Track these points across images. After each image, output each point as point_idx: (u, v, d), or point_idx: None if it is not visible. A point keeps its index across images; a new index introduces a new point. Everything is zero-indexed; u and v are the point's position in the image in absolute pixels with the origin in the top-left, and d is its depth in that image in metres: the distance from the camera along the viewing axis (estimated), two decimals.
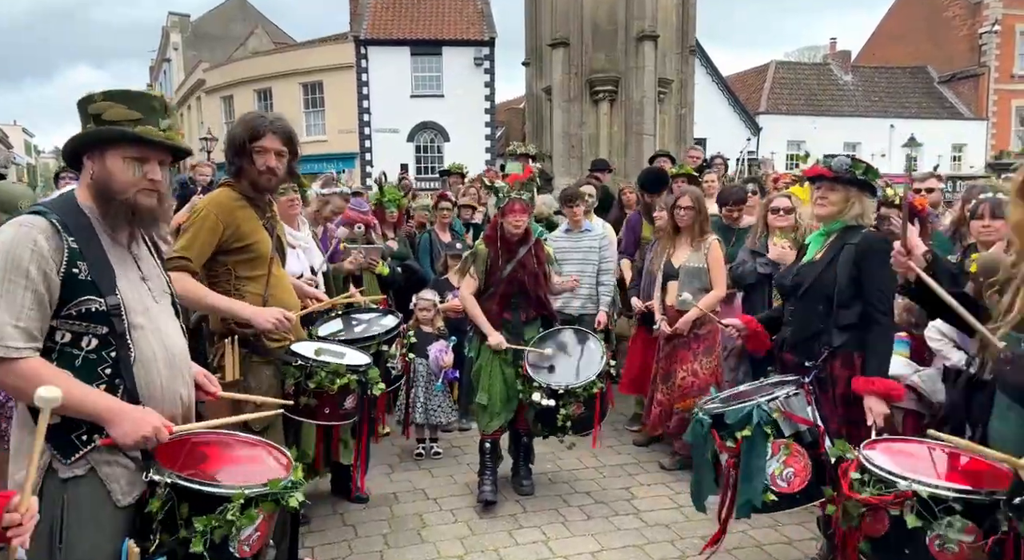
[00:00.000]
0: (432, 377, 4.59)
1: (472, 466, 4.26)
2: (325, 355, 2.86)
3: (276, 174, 2.73)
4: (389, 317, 3.74)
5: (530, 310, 3.93)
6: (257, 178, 2.71)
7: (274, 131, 2.69)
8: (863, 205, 2.85)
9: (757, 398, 2.70)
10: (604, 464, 4.46)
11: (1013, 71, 28.51)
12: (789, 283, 2.94)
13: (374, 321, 3.69)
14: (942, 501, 1.84)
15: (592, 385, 3.66)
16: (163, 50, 36.91)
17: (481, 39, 24.11)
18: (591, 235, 5.13)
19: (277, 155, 2.70)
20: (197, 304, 2.69)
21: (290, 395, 2.78)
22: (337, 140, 24.29)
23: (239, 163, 2.71)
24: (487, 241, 3.98)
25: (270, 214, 2.85)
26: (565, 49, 8.26)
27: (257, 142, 2.67)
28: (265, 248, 2.77)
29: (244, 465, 1.86)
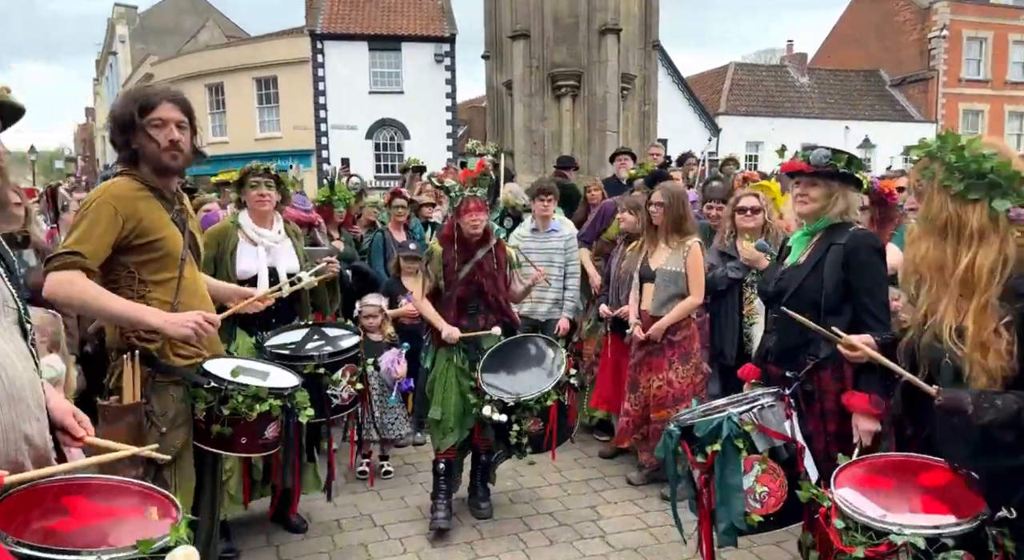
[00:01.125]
0: (386, 389, 4.22)
1: (426, 486, 3.91)
2: (244, 376, 2.47)
3: (183, 150, 2.31)
4: (352, 338, 3.30)
5: (489, 316, 3.61)
6: (160, 157, 2.28)
7: (169, 99, 2.29)
8: (847, 200, 2.59)
9: (730, 409, 2.46)
10: (568, 480, 4.16)
11: (960, 75, 29.34)
12: (772, 289, 2.67)
13: (335, 340, 3.27)
14: (937, 541, 1.71)
15: (547, 396, 3.33)
16: (109, 43, 35.44)
17: (441, 35, 23.68)
18: (558, 235, 4.83)
19: (178, 126, 2.29)
20: (91, 310, 2.27)
21: (201, 422, 2.39)
22: (292, 137, 23.56)
23: (133, 144, 2.28)
24: (443, 241, 3.64)
25: (179, 207, 2.44)
26: (525, 41, 7.96)
27: (151, 114, 2.25)
28: (174, 245, 2.36)
29: (114, 520, 1.49)
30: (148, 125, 2.26)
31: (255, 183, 3.46)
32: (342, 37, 23.28)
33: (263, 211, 3.49)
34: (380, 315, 4.39)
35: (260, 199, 3.46)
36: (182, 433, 2.37)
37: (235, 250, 3.43)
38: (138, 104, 2.25)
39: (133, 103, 2.25)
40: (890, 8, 30.70)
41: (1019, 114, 30.25)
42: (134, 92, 2.32)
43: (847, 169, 2.52)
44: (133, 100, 2.26)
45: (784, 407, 2.56)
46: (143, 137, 2.27)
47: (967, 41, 29.07)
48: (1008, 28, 29.38)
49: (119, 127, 2.28)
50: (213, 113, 24.77)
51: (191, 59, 25.79)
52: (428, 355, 3.74)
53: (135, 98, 2.27)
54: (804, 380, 2.59)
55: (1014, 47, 29.61)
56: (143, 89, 2.32)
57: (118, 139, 2.30)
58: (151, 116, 2.26)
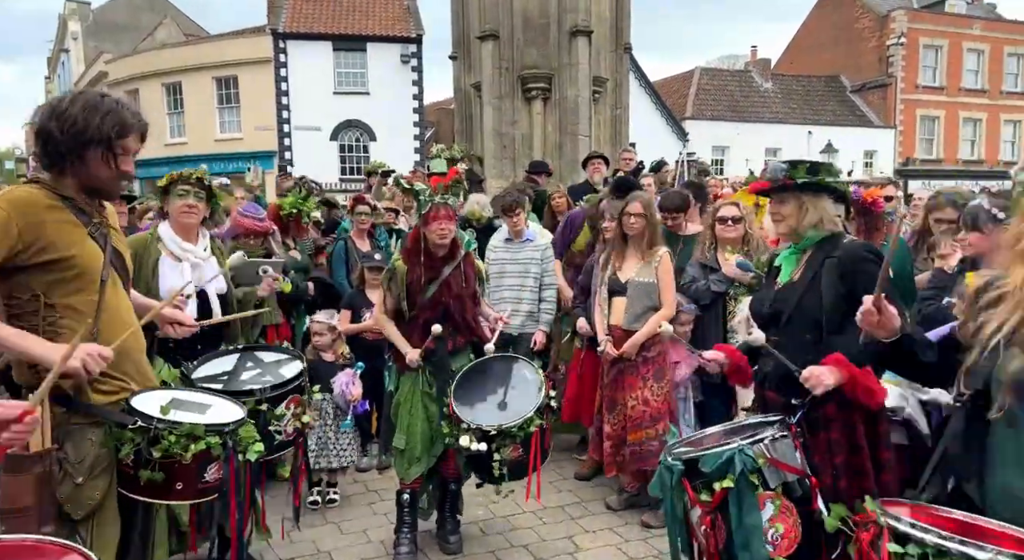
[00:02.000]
0: (339, 414, 3.92)
1: (390, 517, 3.63)
2: (179, 410, 2.16)
3: (131, 180, 2.15)
4: (294, 364, 2.94)
5: (457, 337, 3.35)
6: (108, 185, 2.06)
7: (140, 128, 2.06)
8: (819, 209, 2.40)
9: (738, 440, 2.22)
10: (543, 506, 3.90)
11: (918, 82, 30.07)
12: (767, 311, 2.47)
13: (273, 367, 2.93)
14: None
15: (530, 423, 3.08)
16: (61, 40, 34.15)
17: (408, 36, 23.31)
18: (532, 245, 4.59)
19: (134, 155, 2.10)
20: None
21: (128, 467, 2.06)
22: (253, 138, 22.90)
23: (79, 160, 1.99)
24: (406, 256, 3.37)
25: (99, 219, 2.11)
26: (495, 42, 7.72)
27: (124, 140, 2.01)
28: (91, 264, 2.03)
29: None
30: (110, 151, 2.00)
31: (182, 192, 3.14)
32: (305, 37, 22.74)
33: (188, 224, 3.16)
34: (330, 333, 4.08)
35: (187, 211, 3.14)
36: (102, 482, 2.04)
37: (156, 266, 3.10)
38: (116, 130, 1.98)
39: (111, 126, 1.97)
40: (850, 16, 31.35)
41: (973, 120, 31.14)
42: (109, 110, 1.99)
43: (808, 177, 2.34)
44: (112, 123, 1.97)
45: (792, 438, 2.36)
46: (100, 160, 2.00)
47: (923, 49, 29.84)
48: (962, 37, 30.25)
49: (76, 138, 1.96)
50: (171, 113, 23.99)
51: (147, 57, 24.91)
52: (391, 377, 3.47)
53: (114, 122, 1.98)
54: (809, 407, 2.39)
55: (968, 55, 30.48)
56: (120, 108, 2.02)
57: (65, 147, 1.97)
58: (121, 143, 2.01)
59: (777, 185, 2.39)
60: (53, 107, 2.01)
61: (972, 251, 2.94)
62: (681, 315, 3.92)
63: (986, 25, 30.77)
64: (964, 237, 2.99)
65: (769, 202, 2.49)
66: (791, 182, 2.36)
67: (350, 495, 4.10)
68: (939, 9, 30.82)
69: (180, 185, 3.16)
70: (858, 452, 2.41)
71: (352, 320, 4.61)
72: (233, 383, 2.79)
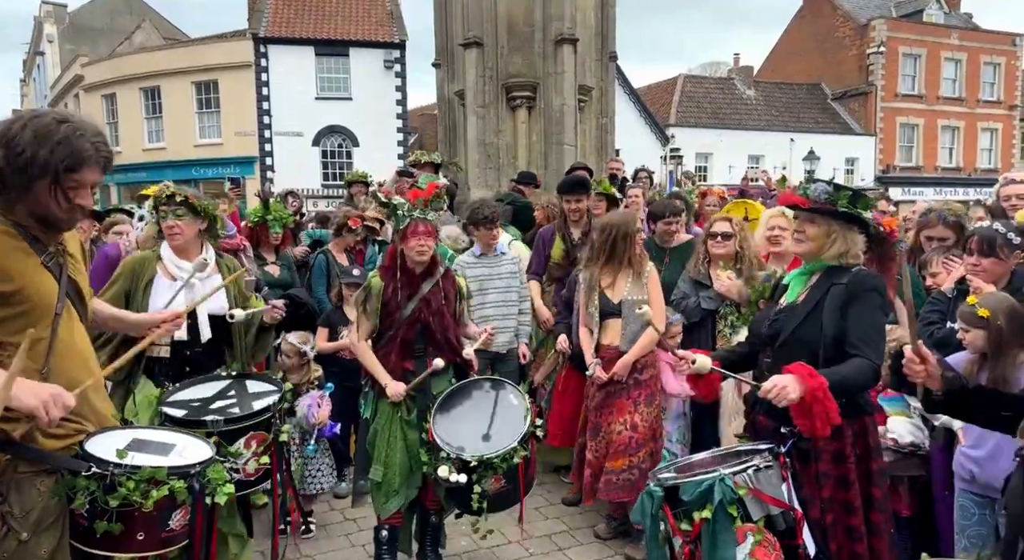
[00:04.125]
0: (306, 437, 3.73)
1: (368, 549, 3.45)
2: (139, 453, 1.98)
3: (85, 211, 1.94)
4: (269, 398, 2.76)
5: (438, 357, 3.19)
6: (60, 217, 1.86)
7: (98, 159, 1.85)
8: (847, 242, 2.29)
9: (721, 469, 2.13)
10: (529, 535, 3.74)
11: (897, 90, 30.43)
12: (766, 331, 2.35)
13: (249, 399, 2.75)
14: None
15: (513, 453, 2.92)
16: (36, 42, 33.51)
17: (391, 41, 23.13)
18: (507, 259, 4.42)
19: (93, 187, 1.90)
20: None
21: (83, 518, 1.87)
22: (234, 143, 22.56)
23: (26, 191, 1.80)
24: (383, 273, 3.20)
25: (56, 248, 1.93)
26: (478, 50, 7.58)
27: (77, 174, 1.82)
28: (44, 297, 1.86)
29: None
30: (60, 184, 1.80)
31: (163, 213, 3.02)
32: (287, 41, 22.47)
33: (176, 246, 3.03)
34: (297, 357, 3.89)
35: (169, 233, 3.01)
36: (51, 537, 1.84)
37: (149, 284, 2.95)
38: (66, 163, 1.79)
39: (60, 158, 1.78)
40: (830, 24, 31.68)
41: (951, 128, 31.57)
42: (61, 140, 1.79)
43: (849, 208, 2.22)
44: (61, 155, 1.78)
45: (780, 468, 2.25)
46: (48, 194, 1.81)
47: (903, 57, 30.21)
48: (940, 46, 30.68)
49: (25, 173, 1.77)
50: (149, 118, 23.61)
51: (125, 61, 24.46)
52: (368, 404, 3.28)
53: (64, 154, 1.78)
54: (799, 436, 2.27)
55: (946, 64, 30.92)
56: (74, 137, 1.81)
57: (9, 177, 1.78)
58: (75, 176, 1.81)
59: (816, 206, 2.26)
60: (3, 131, 1.81)
61: (987, 277, 2.84)
62: (670, 327, 3.80)
63: (963, 34, 31.25)
64: (978, 261, 2.88)
65: (795, 217, 2.38)
66: (831, 207, 2.25)
67: (326, 525, 3.91)
68: (917, 18, 31.25)
69: (161, 206, 3.04)
70: (848, 487, 2.30)
71: (330, 338, 4.44)
72: (200, 413, 2.63)
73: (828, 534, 2.28)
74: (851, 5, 31.41)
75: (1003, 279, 2.87)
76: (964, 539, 2.61)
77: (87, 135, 1.84)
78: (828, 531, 2.28)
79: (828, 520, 2.29)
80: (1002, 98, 32.12)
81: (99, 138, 1.88)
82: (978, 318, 2.49)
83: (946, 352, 2.81)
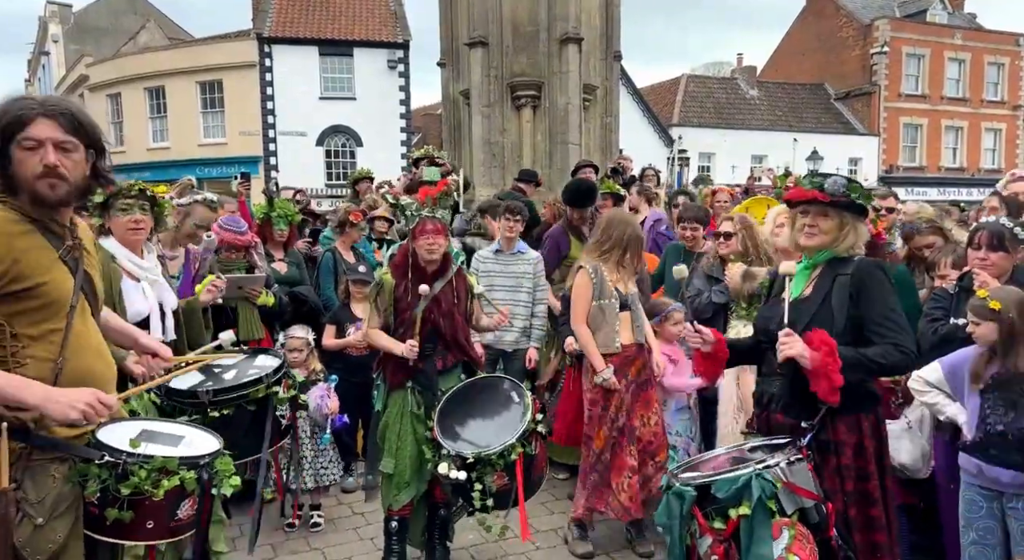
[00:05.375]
0: (317, 430, 3.78)
1: (376, 542, 3.50)
2: (149, 443, 2.02)
3: (62, 177, 1.83)
4: (262, 357, 2.94)
5: (447, 356, 3.22)
6: (33, 185, 1.81)
7: (47, 113, 1.80)
8: (857, 234, 2.33)
9: (752, 464, 2.12)
10: (536, 529, 3.78)
11: (901, 90, 30.41)
12: (776, 327, 2.38)
13: (244, 364, 2.87)
14: None
15: (511, 450, 2.93)
16: (41, 43, 33.62)
17: (395, 41, 23.19)
18: (525, 258, 4.43)
19: (61, 148, 1.82)
20: None
21: (94, 506, 1.90)
22: (238, 143, 22.65)
23: (7, 168, 1.81)
24: (394, 271, 3.24)
25: (71, 242, 1.96)
26: (483, 49, 7.60)
27: (22, 133, 1.78)
28: (61, 291, 1.89)
29: None
30: (18, 147, 1.78)
31: (126, 206, 2.94)
32: (291, 41, 22.55)
33: (135, 240, 2.98)
34: (306, 350, 3.94)
35: (134, 227, 2.96)
36: (65, 523, 1.88)
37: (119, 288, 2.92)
38: (5, 121, 1.77)
39: (4, 123, 1.77)
40: (834, 25, 31.66)
41: (955, 128, 31.53)
42: (5, 107, 1.81)
43: (865, 201, 2.26)
44: (3, 121, 1.77)
45: (806, 461, 2.26)
46: (15, 163, 1.79)
47: (906, 57, 30.18)
48: (944, 46, 30.65)
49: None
50: (153, 118, 23.70)
51: (130, 61, 24.56)
52: (380, 395, 3.32)
53: (5, 118, 1.78)
54: (819, 430, 2.29)
55: (949, 64, 30.88)
56: (14, 101, 1.82)
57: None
58: (21, 135, 1.78)
59: (836, 199, 2.28)
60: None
61: (995, 272, 2.87)
62: (674, 314, 3.84)
63: (967, 34, 31.21)
64: (986, 256, 2.91)
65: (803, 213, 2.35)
66: (849, 200, 2.28)
67: (335, 519, 3.95)
68: (921, 18, 31.21)
69: (122, 199, 2.95)
70: (868, 479, 2.32)
71: (336, 335, 4.48)
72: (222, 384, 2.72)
73: (852, 526, 2.29)
74: (854, 5, 31.39)
75: (1006, 274, 2.90)
76: (972, 532, 2.64)
77: (33, 97, 1.85)
78: (852, 523, 2.30)
79: (851, 513, 2.29)
80: (1006, 98, 32.08)
81: (51, 98, 1.87)
82: (990, 311, 2.52)
83: (951, 348, 2.84)
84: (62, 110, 1.83)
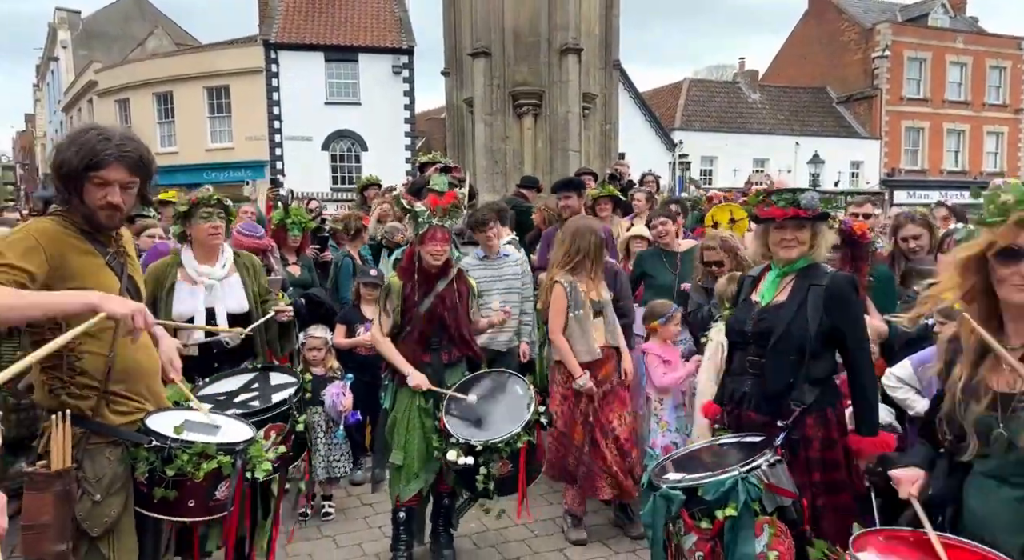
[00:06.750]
0: (332, 425, 4.00)
1: (385, 530, 3.71)
2: (191, 431, 2.26)
3: (120, 210, 2.14)
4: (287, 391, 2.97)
5: (452, 350, 3.44)
6: (95, 213, 2.10)
7: (120, 158, 2.07)
8: (827, 240, 2.56)
9: (737, 467, 2.25)
10: (535, 519, 4.00)
11: (902, 94, 30.56)
12: (752, 329, 2.58)
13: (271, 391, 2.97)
14: None
15: (516, 439, 3.14)
16: (50, 48, 34.05)
17: (399, 47, 23.47)
18: (511, 260, 4.64)
19: (123, 188, 2.10)
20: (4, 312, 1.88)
21: (143, 485, 2.16)
22: (244, 147, 22.95)
23: (69, 192, 2.08)
24: (401, 273, 3.47)
25: (114, 249, 2.21)
26: (486, 59, 7.86)
27: (96, 172, 2.05)
28: (109, 292, 2.11)
29: None
30: (90, 182, 2.06)
31: (206, 214, 3.23)
32: (297, 47, 22.86)
33: (214, 245, 3.26)
34: (324, 348, 4.17)
35: (214, 233, 3.24)
36: (119, 499, 2.14)
37: (172, 290, 3.20)
38: (85, 162, 2.04)
39: (80, 158, 2.03)
40: (836, 29, 31.83)
41: (956, 132, 31.66)
42: (86, 140, 2.06)
43: (831, 209, 2.51)
44: (80, 155, 2.04)
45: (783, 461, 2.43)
46: (83, 192, 2.08)
47: (908, 61, 30.33)
48: (945, 50, 30.79)
49: (59, 176, 2.07)
50: (161, 123, 24.02)
51: (138, 67, 24.95)
52: (388, 394, 3.54)
53: (83, 154, 2.04)
54: (791, 429, 2.49)
55: (951, 68, 31.02)
56: (96, 140, 2.06)
57: (57, 184, 2.09)
58: (95, 174, 2.06)
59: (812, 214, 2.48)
60: (56, 144, 2.13)
61: None
62: (676, 315, 4.05)
63: (968, 38, 31.35)
64: None
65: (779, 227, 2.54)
66: (822, 212, 2.49)
67: (345, 509, 4.18)
68: (923, 22, 31.36)
69: (203, 208, 3.24)
70: (836, 468, 2.52)
71: (346, 335, 4.70)
72: (224, 407, 2.84)
73: (821, 514, 2.48)
74: (856, 9, 31.56)
75: None
76: None
77: (113, 139, 2.08)
78: (821, 512, 2.48)
79: (819, 503, 2.49)
80: (1008, 101, 32.20)
81: (125, 141, 2.11)
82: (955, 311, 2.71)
83: (922, 345, 3.05)
84: (132, 155, 2.10)
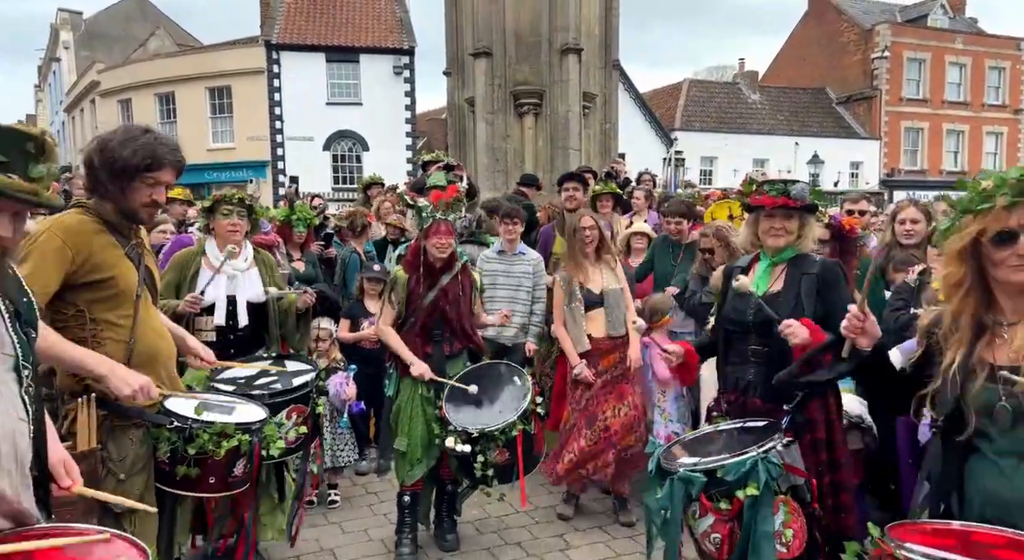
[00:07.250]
0: (336, 414, 4.10)
1: (390, 517, 3.81)
2: (209, 412, 2.37)
3: (159, 207, 2.38)
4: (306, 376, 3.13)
5: (454, 342, 3.54)
6: (138, 211, 2.27)
7: (172, 164, 2.27)
8: (814, 232, 2.67)
9: (756, 448, 2.30)
10: (536, 506, 4.10)
11: (902, 94, 30.65)
12: (753, 319, 2.67)
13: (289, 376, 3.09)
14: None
15: (511, 427, 3.25)
16: (52, 49, 34.16)
17: (400, 47, 23.58)
18: (525, 258, 4.73)
19: (167, 187, 2.33)
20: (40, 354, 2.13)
21: (165, 463, 2.28)
22: (246, 147, 23.06)
23: (116, 188, 2.21)
24: (407, 267, 3.57)
25: (135, 241, 2.34)
26: (487, 59, 7.97)
27: (151, 173, 2.22)
28: (129, 282, 2.26)
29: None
30: (142, 181, 2.21)
31: (227, 212, 3.38)
32: (298, 48, 22.97)
33: (234, 241, 3.39)
34: (329, 340, 4.28)
35: (232, 229, 3.37)
36: (141, 478, 2.27)
37: (195, 277, 3.34)
38: (145, 163, 2.19)
39: (139, 159, 2.19)
40: (835, 29, 31.92)
41: (956, 132, 31.74)
42: (144, 143, 2.21)
43: (821, 202, 2.60)
44: (140, 156, 2.19)
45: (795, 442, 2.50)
46: (131, 188, 2.22)
47: (907, 62, 30.41)
48: (945, 50, 30.88)
49: (112, 170, 2.19)
50: (163, 123, 24.05)
51: (140, 68, 25.05)
52: (392, 383, 3.64)
53: (143, 155, 2.19)
54: (796, 412, 2.58)
55: (950, 68, 31.11)
56: (155, 145, 2.23)
57: (104, 176, 2.21)
58: (150, 174, 2.22)
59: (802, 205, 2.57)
60: (101, 139, 2.26)
61: None
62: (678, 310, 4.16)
63: (968, 39, 31.43)
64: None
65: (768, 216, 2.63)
66: (811, 203, 2.58)
67: (350, 497, 4.27)
68: (922, 23, 31.45)
69: (224, 205, 3.39)
70: (835, 448, 2.63)
71: (351, 329, 4.80)
72: (247, 388, 2.98)
73: (824, 493, 2.56)
74: (855, 10, 31.66)
75: None
76: None
77: (167, 144, 2.28)
78: (824, 490, 2.56)
79: (824, 482, 2.57)
80: (1007, 102, 32.28)
81: (174, 146, 2.31)
82: None
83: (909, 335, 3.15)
84: (182, 161, 2.31)
